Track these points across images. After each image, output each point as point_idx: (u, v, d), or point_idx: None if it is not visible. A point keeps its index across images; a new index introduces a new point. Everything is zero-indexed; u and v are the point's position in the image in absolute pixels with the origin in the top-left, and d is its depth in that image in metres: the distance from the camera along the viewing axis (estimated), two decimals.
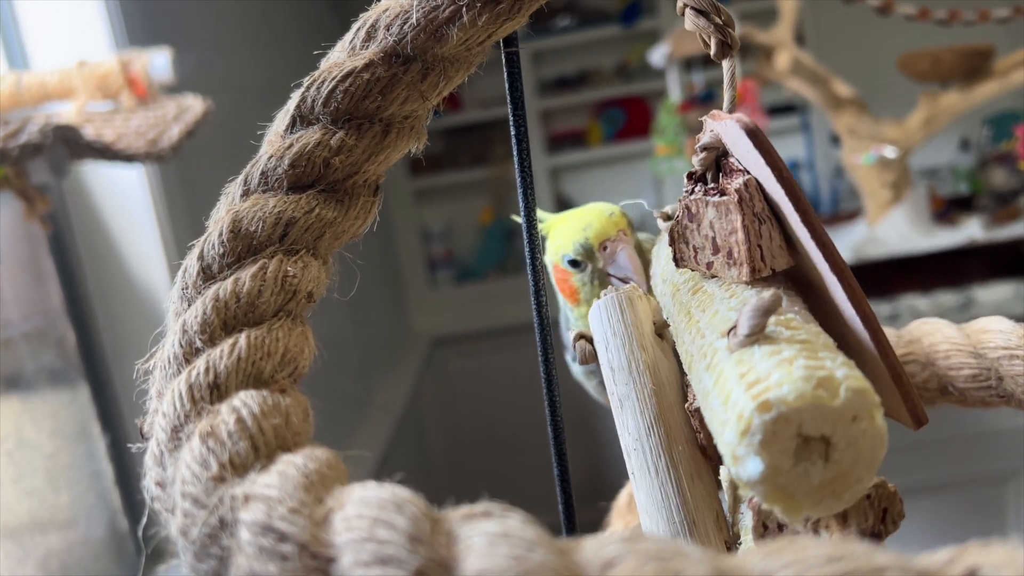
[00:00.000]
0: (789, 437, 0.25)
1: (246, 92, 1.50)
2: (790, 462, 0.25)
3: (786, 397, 0.24)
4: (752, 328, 0.27)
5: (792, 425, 0.24)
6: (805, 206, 0.30)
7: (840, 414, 0.24)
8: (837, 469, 0.25)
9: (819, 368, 0.25)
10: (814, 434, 0.25)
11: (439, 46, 0.32)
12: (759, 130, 0.31)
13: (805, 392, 0.24)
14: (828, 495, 0.25)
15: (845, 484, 0.25)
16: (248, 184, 0.31)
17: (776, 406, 0.24)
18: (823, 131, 2.45)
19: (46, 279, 1.15)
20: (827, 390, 0.25)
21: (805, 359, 0.25)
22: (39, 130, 0.83)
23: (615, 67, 2.75)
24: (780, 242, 0.32)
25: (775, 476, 0.25)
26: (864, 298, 0.30)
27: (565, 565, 0.17)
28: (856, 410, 0.25)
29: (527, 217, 0.39)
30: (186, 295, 0.28)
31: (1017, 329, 0.41)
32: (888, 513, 0.30)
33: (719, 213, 0.32)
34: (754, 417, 0.25)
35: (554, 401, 0.40)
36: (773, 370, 0.25)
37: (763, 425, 0.24)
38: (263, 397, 0.24)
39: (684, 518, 0.34)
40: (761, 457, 0.25)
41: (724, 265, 0.33)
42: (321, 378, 1.66)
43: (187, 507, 0.22)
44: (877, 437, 0.25)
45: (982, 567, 0.15)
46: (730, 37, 0.35)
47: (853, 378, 0.25)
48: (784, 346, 0.26)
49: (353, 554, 0.18)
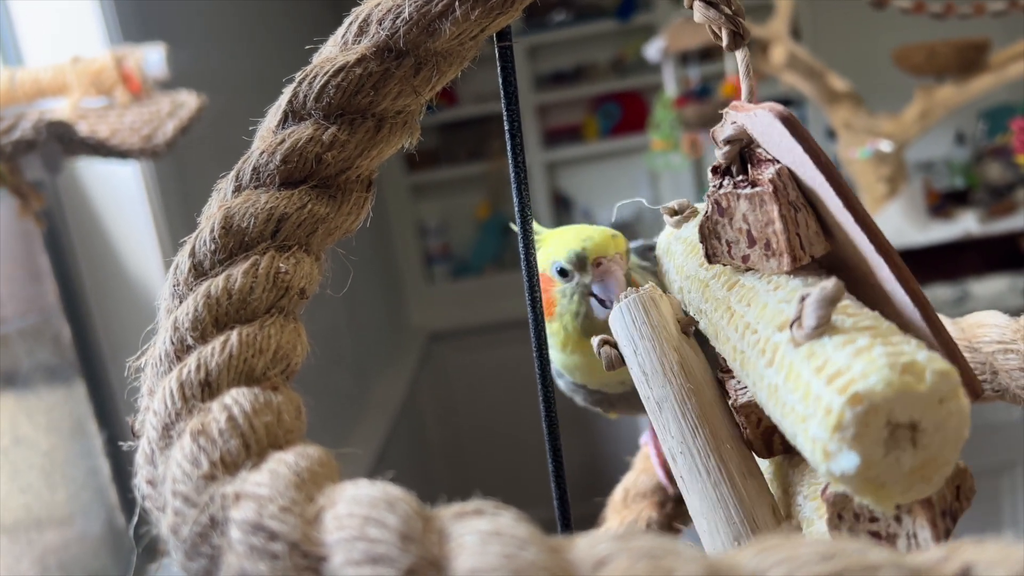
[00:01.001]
0: (880, 427, 0.25)
1: (241, 87, 1.50)
2: (882, 452, 0.25)
3: (875, 387, 0.24)
4: (820, 319, 0.27)
5: (883, 415, 0.24)
6: (846, 191, 0.30)
7: (928, 398, 0.24)
8: (926, 454, 0.25)
9: (900, 354, 0.25)
10: (903, 421, 0.25)
11: (432, 40, 0.31)
12: (794, 117, 0.30)
13: (893, 380, 0.24)
14: (918, 480, 0.25)
15: (934, 467, 0.25)
16: (240, 180, 0.31)
17: (867, 398, 0.24)
18: (819, 125, 2.45)
19: (42, 276, 1.15)
20: (913, 375, 0.25)
21: (882, 346, 0.25)
22: (32, 126, 0.82)
23: (611, 62, 2.75)
24: (816, 228, 0.31)
25: (868, 468, 0.25)
26: (912, 277, 0.30)
27: (557, 563, 0.16)
28: (943, 392, 0.25)
29: (521, 213, 0.39)
30: (177, 292, 0.28)
31: (1012, 323, 0.41)
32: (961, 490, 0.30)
33: (752, 205, 0.32)
34: (846, 411, 0.24)
35: (549, 397, 0.39)
36: (853, 361, 0.25)
37: (855, 418, 0.24)
38: (255, 395, 0.24)
39: (743, 517, 0.33)
40: (856, 450, 0.24)
41: (762, 257, 0.32)
42: (318, 373, 1.66)
43: (178, 505, 0.21)
44: (963, 416, 0.25)
45: (976, 565, 0.15)
46: (742, 27, 0.35)
47: (935, 360, 0.25)
48: (855, 334, 0.26)
49: (344, 553, 0.18)
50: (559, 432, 0.39)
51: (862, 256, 0.31)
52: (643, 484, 0.51)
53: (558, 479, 0.39)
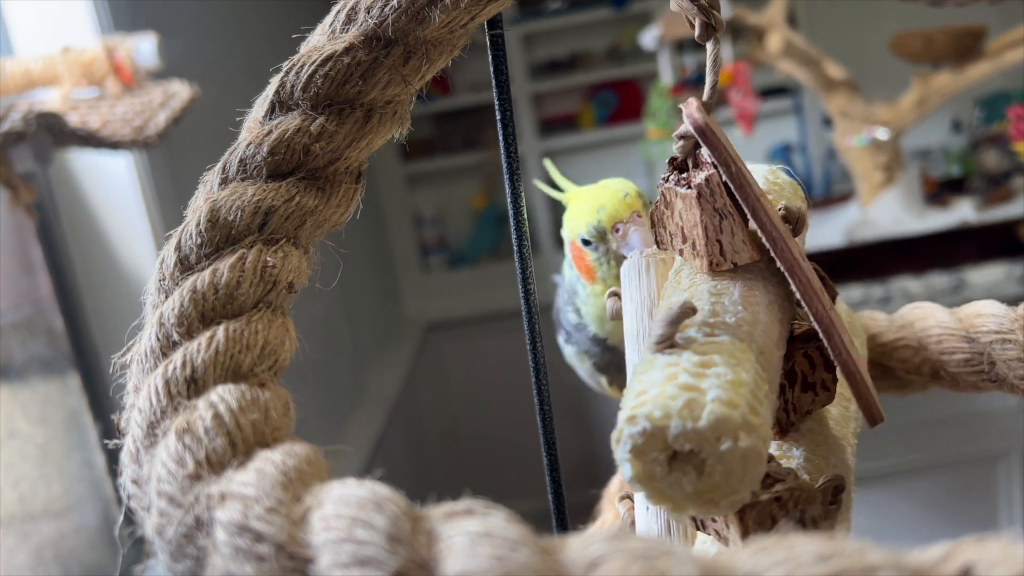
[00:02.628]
0: (658, 449, 0.26)
1: (233, 77, 1.49)
2: (664, 470, 0.26)
3: (652, 414, 0.25)
4: (659, 337, 0.28)
5: (659, 439, 0.25)
6: (754, 203, 0.30)
7: (702, 435, 0.25)
8: (710, 481, 0.26)
9: (693, 388, 0.26)
10: (682, 449, 0.25)
11: (421, 29, 0.31)
12: (707, 127, 0.31)
13: (670, 411, 0.25)
14: (706, 502, 0.26)
15: (720, 494, 0.26)
16: (226, 172, 0.30)
17: (639, 422, 0.26)
18: (815, 113, 2.44)
19: (34, 268, 1.14)
20: (691, 411, 0.25)
21: (689, 377, 0.26)
22: (22, 118, 0.81)
23: (607, 50, 2.74)
24: (744, 236, 0.32)
25: (649, 481, 0.26)
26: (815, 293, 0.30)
27: (548, 565, 0.16)
28: (719, 432, 0.25)
29: (514, 203, 0.38)
30: (163, 287, 0.28)
31: (1009, 313, 0.40)
32: (807, 513, 0.30)
33: (685, 205, 0.33)
34: (624, 427, 0.26)
35: (542, 390, 0.39)
36: (657, 385, 0.26)
37: (631, 436, 0.26)
38: (241, 391, 0.23)
39: None
40: (632, 464, 0.26)
41: (691, 255, 0.33)
42: (314, 365, 1.65)
43: (163, 506, 0.21)
44: (748, 456, 0.25)
45: (977, 564, 0.15)
46: (714, 19, 0.35)
47: (721, 402, 0.26)
48: (685, 357, 0.27)
49: (331, 555, 0.18)
50: (553, 426, 0.39)
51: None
52: None
53: (553, 472, 0.39)
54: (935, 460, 1.47)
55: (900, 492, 1.46)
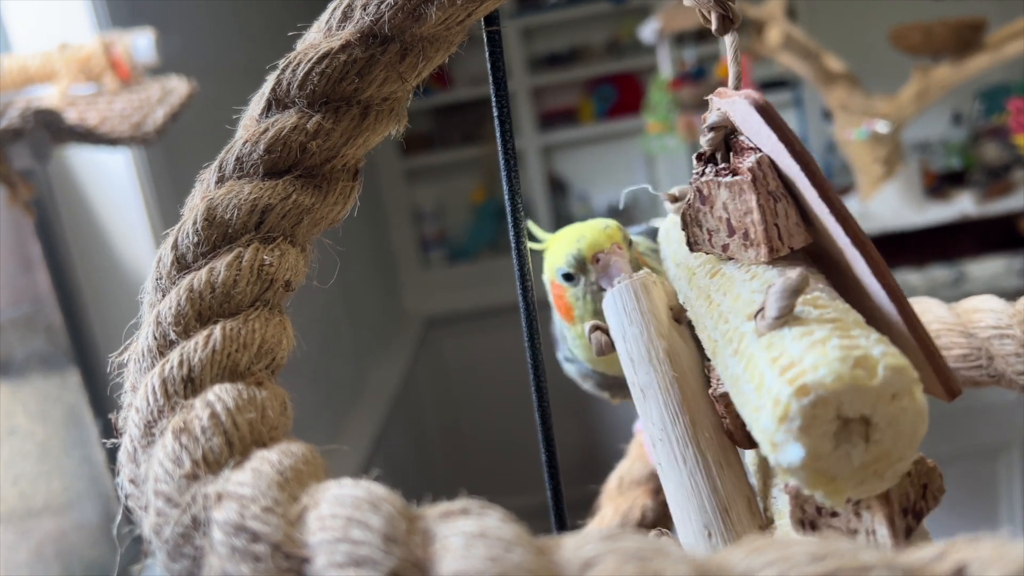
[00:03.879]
0: (828, 420, 0.24)
1: (232, 73, 1.49)
2: (831, 445, 0.24)
3: (824, 380, 0.24)
4: (780, 310, 0.26)
5: (831, 408, 0.24)
6: (821, 180, 0.29)
7: (879, 393, 0.24)
8: (879, 449, 0.25)
9: (855, 347, 0.25)
10: (854, 415, 0.24)
11: (417, 25, 0.31)
12: (770, 105, 0.30)
13: (843, 373, 0.24)
14: (871, 475, 0.25)
15: (887, 463, 0.25)
16: (223, 170, 0.30)
17: (814, 389, 0.24)
18: (815, 106, 2.44)
19: (34, 265, 1.14)
20: (865, 369, 0.24)
21: (839, 339, 0.25)
22: (19, 114, 0.81)
23: (606, 43, 2.73)
24: (797, 219, 0.31)
25: (816, 461, 0.24)
26: (888, 271, 0.29)
27: (543, 565, 0.16)
28: (895, 388, 0.24)
29: (511, 198, 0.38)
30: (160, 286, 0.28)
31: (1008, 308, 0.40)
32: (928, 489, 0.29)
33: (732, 194, 0.31)
34: (792, 402, 0.24)
35: (541, 389, 0.39)
36: (806, 352, 0.25)
37: (802, 410, 0.24)
38: (238, 391, 0.23)
39: (716, 507, 0.33)
40: (801, 443, 0.24)
41: (741, 246, 0.32)
42: (314, 360, 1.65)
43: (160, 506, 0.21)
44: (918, 414, 0.24)
45: (970, 564, 0.15)
46: (731, 11, 0.34)
47: (890, 355, 0.24)
48: (815, 326, 0.26)
49: (327, 555, 0.18)
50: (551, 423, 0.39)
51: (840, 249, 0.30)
52: (637, 472, 0.50)
53: (551, 469, 0.39)
54: (936, 454, 1.46)
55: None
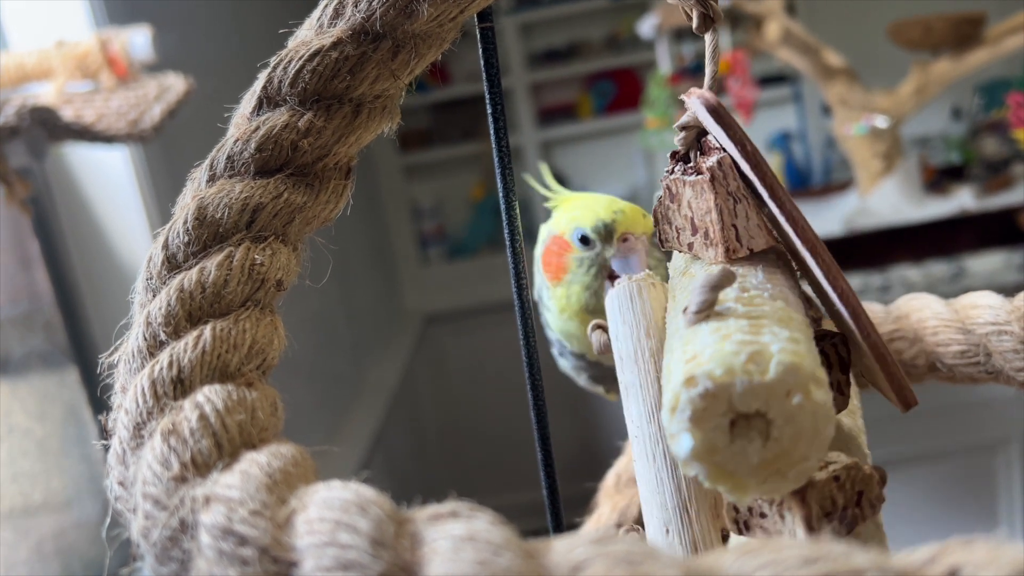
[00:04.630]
0: (720, 413, 0.24)
1: (229, 70, 1.48)
2: (725, 439, 0.24)
3: (712, 371, 0.24)
4: (699, 304, 0.26)
5: (722, 401, 0.24)
6: (771, 181, 0.29)
7: (772, 389, 0.23)
8: (778, 447, 0.24)
9: (753, 343, 0.24)
10: (748, 410, 0.24)
11: (409, 22, 0.30)
12: (720, 106, 0.30)
13: (733, 366, 0.23)
14: (773, 474, 0.24)
15: (789, 462, 0.24)
16: (214, 169, 0.30)
17: (701, 380, 0.24)
18: (814, 101, 2.43)
19: (32, 263, 1.14)
20: (757, 364, 0.24)
21: (743, 334, 0.25)
22: (16, 112, 0.81)
23: (605, 39, 2.73)
24: (759, 221, 0.31)
25: (710, 454, 0.24)
26: (839, 273, 0.29)
27: (532, 569, 0.16)
28: (789, 385, 0.23)
29: (505, 196, 0.38)
30: (151, 286, 0.28)
31: (1006, 304, 0.40)
32: (864, 496, 0.28)
33: (695, 193, 0.32)
34: (681, 392, 0.24)
35: (537, 386, 0.39)
36: (708, 346, 0.24)
37: (690, 400, 0.24)
38: (228, 392, 0.23)
39: (676, 504, 0.33)
40: (691, 433, 0.24)
41: (702, 245, 0.32)
42: (313, 358, 1.65)
43: (148, 508, 0.21)
44: (818, 413, 0.24)
45: (964, 567, 0.14)
46: (712, 9, 0.34)
47: (788, 352, 0.24)
48: (732, 322, 0.26)
49: (314, 559, 0.17)
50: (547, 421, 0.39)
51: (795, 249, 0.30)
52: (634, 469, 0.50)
53: (547, 468, 0.38)
54: (934, 450, 1.47)
55: (899, 482, 1.46)
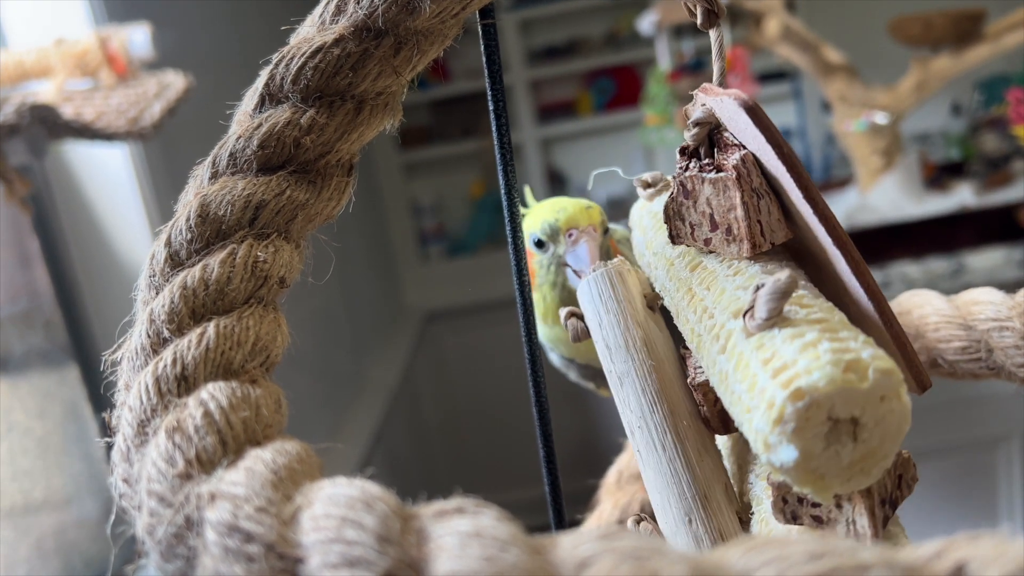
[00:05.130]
0: (820, 422, 0.25)
1: (228, 67, 1.48)
2: (822, 445, 0.25)
3: (817, 384, 0.24)
4: (771, 312, 0.27)
5: (823, 410, 0.25)
6: (807, 182, 0.30)
7: (869, 395, 0.25)
8: (866, 448, 0.25)
9: (845, 351, 0.25)
10: (844, 416, 0.25)
11: (411, 19, 0.30)
12: (758, 106, 0.30)
13: (835, 377, 0.24)
14: (857, 473, 0.26)
15: (873, 461, 0.26)
16: (216, 166, 0.30)
17: (809, 393, 0.24)
18: (814, 98, 2.43)
19: (32, 261, 1.14)
20: (856, 373, 0.25)
21: (829, 341, 0.26)
22: (15, 110, 0.81)
23: (604, 36, 2.72)
24: (779, 216, 0.31)
25: (808, 461, 0.25)
26: (867, 270, 0.30)
27: (539, 565, 0.16)
28: (884, 390, 0.25)
29: (507, 192, 0.38)
30: (154, 283, 0.28)
31: (1007, 300, 0.40)
32: (903, 478, 0.30)
33: (716, 190, 0.32)
34: (787, 406, 0.25)
35: (538, 383, 0.39)
36: (799, 356, 0.25)
37: (796, 413, 0.25)
38: (232, 389, 0.23)
39: (696, 493, 0.33)
40: (795, 444, 0.25)
41: (723, 241, 0.32)
42: (314, 355, 1.65)
43: (153, 505, 0.21)
44: (903, 414, 0.25)
45: (970, 562, 0.14)
46: (716, 5, 0.34)
47: (879, 359, 0.25)
48: (805, 328, 0.26)
49: (321, 556, 0.17)
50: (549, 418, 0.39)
51: (821, 246, 0.31)
52: (636, 466, 0.50)
53: (549, 465, 0.38)
54: (935, 445, 1.47)
55: None
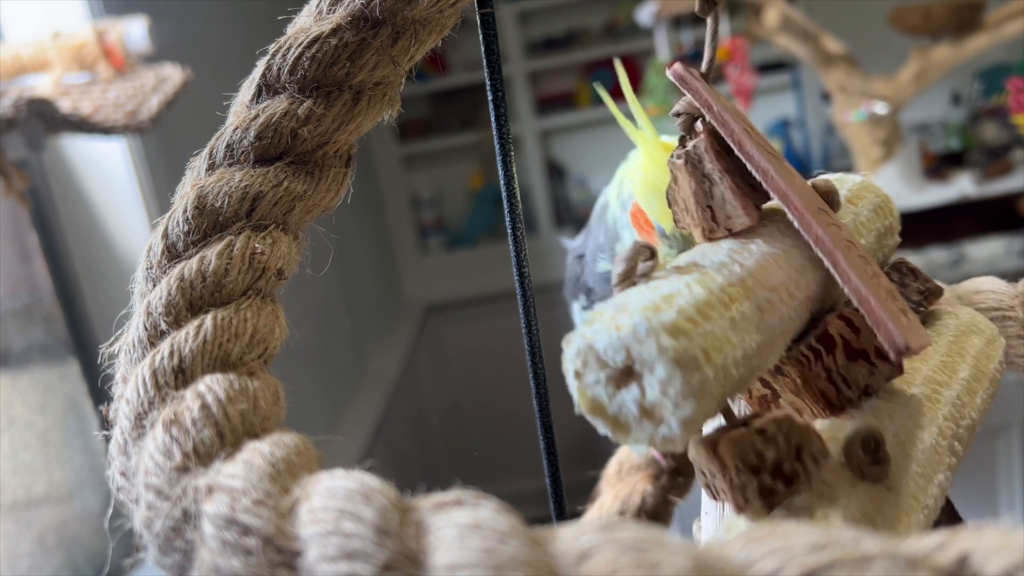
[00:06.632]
0: (597, 367, 0.25)
1: (226, 60, 1.48)
2: (610, 393, 0.25)
3: (583, 332, 0.25)
4: (618, 276, 0.28)
5: (593, 355, 0.25)
6: (738, 137, 0.30)
7: (626, 343, 0.24)
8: (652, 395, 0.24)
9: (623, 305, 0.25)
10: (615, 363, 0.25)
11: (409, 8, 0.30)
12: (686, 73, 0.31)
13: (597, 325, 0.25)
14: (657, 423, 0.24)
15: (667, 410, 0.24)
16: (213, 158, 0.30)
17: (573, 342, 0.25)
18: (814, 88, 2.43)
19: (31, 255, 1.14)
20: (615, 320, 0.25)
21: (625, 297, 0.26)
22: (13, 104, 0.81)
23: (603, 27, 2.72)
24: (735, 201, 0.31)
25: (599, 410, 0.25)
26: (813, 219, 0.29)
27: (538, 557, 0.16)
28: (640, 337, 0.24)
29: (507, 184, 0.38)
30: (151, 275, 0.27)
31: (1009, 289, 0.40)
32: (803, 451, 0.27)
33: (681, 176, 0.32)
34: (564, 353, 0.26)
35: (539, 375, 0.39)
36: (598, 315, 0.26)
37: (569, 359, 0.26)
38: (230, 381, 0.23)
39: None
40: (579, 392, 0.25)
41: (691, 226, 0.32)
42: (314, 348, 1.65)
43: (150, 499, 0.21)
44: (681, 362, 0.24)
45: (973, 553, 0.14)
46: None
47: (644, 308, 0.25)
48: (641, 291, 0.26)
49: (319, 548, 0.17)
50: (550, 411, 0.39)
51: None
52: (637, 457, 0.50)
53: (550, 457, 0.38)
54: None
55: None
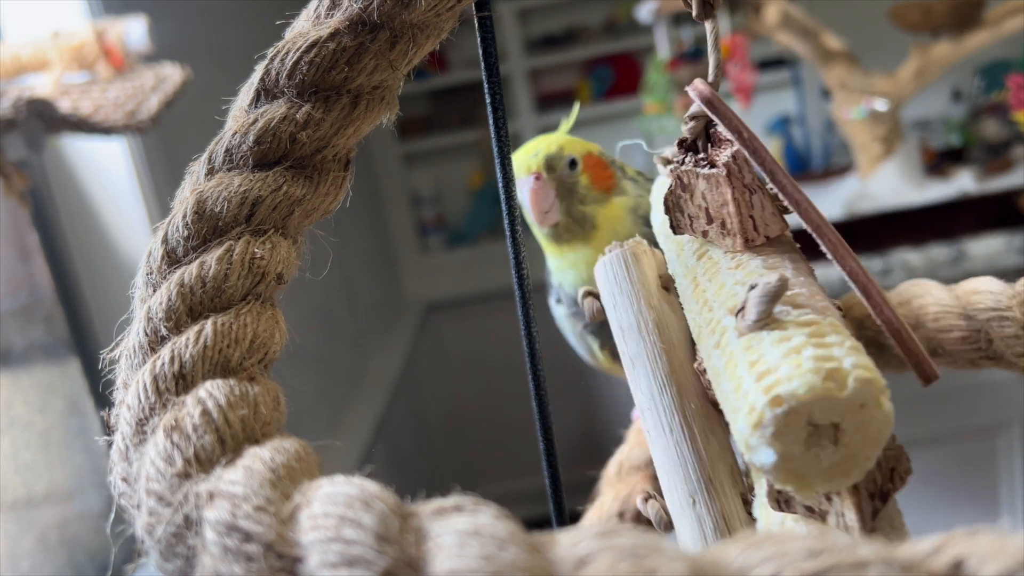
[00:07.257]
0: (800, 427, 0.25)
1: (226, 59, 1.48)
2: (801, 449, 0.25)
3: (796, 391, 0.25)
4: (760, 315, 0.27)
5: (802, 416, 0.25)
6: (771, 166, 0.30)
7: (849, 403, 0.25)
8: (846, 451, 0.26)
9: (828, 359, 0.26)
10: (824, 422, 0.25)
11: (407, 12, 0.30)
12: (715, 97, 0.31)
13: (815, 385, 0.25)
14: (838, 474, 0.26)
15: (854, 464, 0.26)
16: (212, 162, 0.30)
17: (787, 400, 0.25)
18: (814, 85, 2.42)
19: (31, 255, 1.14)
20: (836, 382, 0.25)
21: (813, 348, 0.26)
22: (12, 104, 0.81)
23: (603, 24, 2.71)
24: (773, 209, 0.32)
25: (787, 463, 0.26)
26: (847, 253, 0.30)
27: (537, 563, 0.16)
28: (863, 399, 0.25)
29: (505, 183, 0.38)
30: (151, 281, 0.28)
31: (1007, 289, 0.40)
32: (895, 471, 0.30)
33: (710, 185, 0.32)
34: (766, 411, 0.25)
35: (537, 375, 0.39)
36: (782, 361, 0.26)
37: (775, 419, 0.25)
38: (230, 387, 0.23)
39: (701, 476, 0.34)
40: (774, 448, 0.25)
41: (719, 234, 0.33)
42: (314, 348, 1.65)
43: (152, 505, 0.21)
44: (884, 420, 0.25)
45: (968, 558, 0.14)
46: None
47: (861, 367, 0.25)
48: (793, 331, 0.27)
49: (319, 555, 0.17)
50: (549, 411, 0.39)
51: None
52: (636, 457, 0.50)
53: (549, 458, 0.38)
54: (935, 433, 1.47)
55: None
